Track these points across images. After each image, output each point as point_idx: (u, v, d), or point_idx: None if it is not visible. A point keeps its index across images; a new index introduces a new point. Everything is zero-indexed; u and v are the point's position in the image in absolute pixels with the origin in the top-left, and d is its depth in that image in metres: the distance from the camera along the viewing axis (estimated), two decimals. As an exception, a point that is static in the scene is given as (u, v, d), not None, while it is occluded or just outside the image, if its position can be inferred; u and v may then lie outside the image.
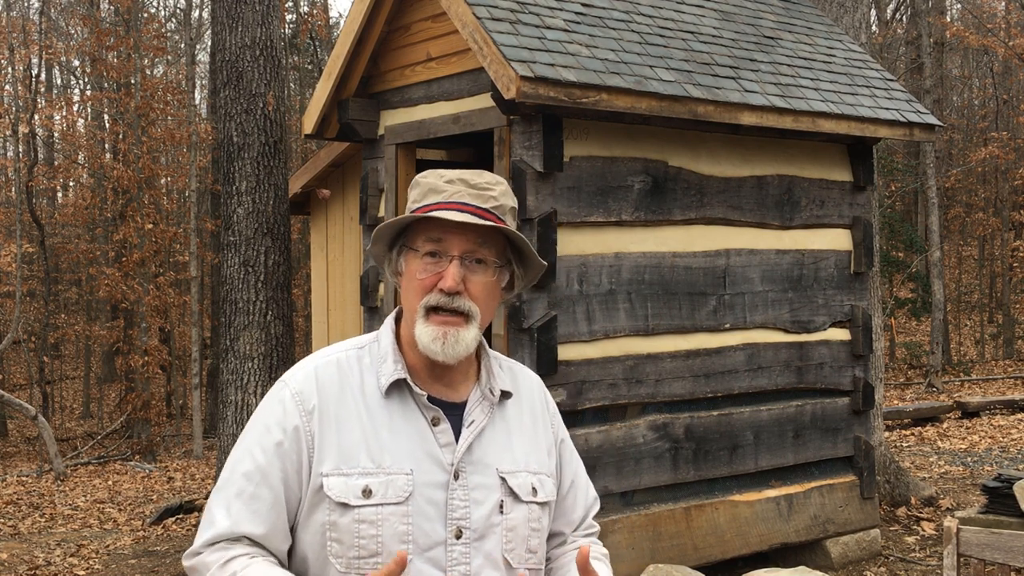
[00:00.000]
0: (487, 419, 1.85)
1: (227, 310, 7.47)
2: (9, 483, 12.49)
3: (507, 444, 1.86)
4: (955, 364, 19.12)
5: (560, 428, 2.00)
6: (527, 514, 1.83)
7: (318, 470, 1.74)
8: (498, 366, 1.92)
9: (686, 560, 5.71)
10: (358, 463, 1.75)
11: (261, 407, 1.84)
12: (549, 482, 1.91)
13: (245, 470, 1.76)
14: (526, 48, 5.14)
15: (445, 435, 1.79)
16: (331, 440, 1.76)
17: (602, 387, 5.52)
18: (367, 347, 1.87)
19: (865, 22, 8.59)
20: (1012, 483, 6.19)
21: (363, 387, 1.81)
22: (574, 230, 5.41)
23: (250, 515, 1.74)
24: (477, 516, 1.78)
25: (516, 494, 1.82)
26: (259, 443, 1.78)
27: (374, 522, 1.72)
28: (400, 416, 1.79)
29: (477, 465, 1.80)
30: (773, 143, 6.23)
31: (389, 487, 1.74)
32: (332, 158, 8.08)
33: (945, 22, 22.43)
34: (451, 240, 1.77)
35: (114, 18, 21.05)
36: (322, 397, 1.79)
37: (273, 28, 7.67)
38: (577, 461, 2.04)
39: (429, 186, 1.81)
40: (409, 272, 1.81)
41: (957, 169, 22.55)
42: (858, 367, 6.67)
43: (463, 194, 1.79)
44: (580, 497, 2.03)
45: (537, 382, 2.01)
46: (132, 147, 17.57)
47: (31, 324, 20.64)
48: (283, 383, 1.83)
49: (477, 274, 1.79)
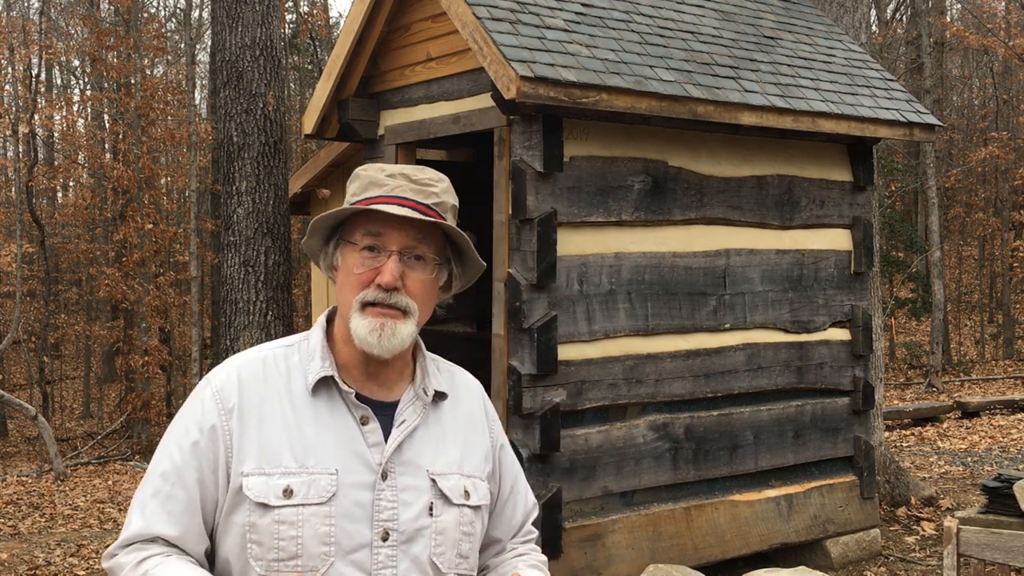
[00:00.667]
0: (419, 419, 1.81)
1: (227, 310, 7.47)
2: (9, 483, 12.49)
3: (440, 446, 1.82)
4: (955, 364, 19.12)
5: (499, 434, 1.96)
6: (458, 517, 1.79)
7: (238, 470, 1.70)
8: (435, 367, 1.89)
9: (686, 560, 5.71)
10: (281, 462, 1.70)
11: (185, 406, 1.80)
12: (483, 486, 1.86)
13: (162, 470, 1.73)
14: (526, 48, 5.14)
15: (374, 434, 1.76)
16: (252, 439, 1.72)
17: (602, 387, 5.52)
18: (296, 345, 1.83)
19: (865, 22, 8.59)
20: (1012, 483, 6.19)
21: (289, 385, 1.77)
22: (574, 230, 5.41)
23: (164, 516, 1.71)
24: (405, 518, 1.74)
25: (447, 496, 1.78)
26: (177, 443, 1.74)
27: (294, 523, 1.68)
28: (327, 415, 1.75)
29: (407, 466, 1.76)
30: (773, 143, 6.23)
31: (311, 487, 1.69)
32: (332, 158, 8.08)
33: (945, 22, 22.43)
34: (390, 235, 1.74)
35: (114, 18, 21.05)
36: (243, 395, 1.75)
37: (273, 28, 7.67)
38: (517, 468, 2.00)
39: (370, 179, 1.78)
40: (346, 266, 1.77)
41: (957, 169, 22.55)
42: (858, 367, 6.67)
43: (405, 189, 1.75)
44: (520, 504, 1.99)
45: (476, 386, 1.97)
46: (132, 147, 17.57)
47: (31, 324, 20.64)
48: (206, 381, 1.79)
49: (416, 271, 1.76)
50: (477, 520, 1.84)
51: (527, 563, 1.94)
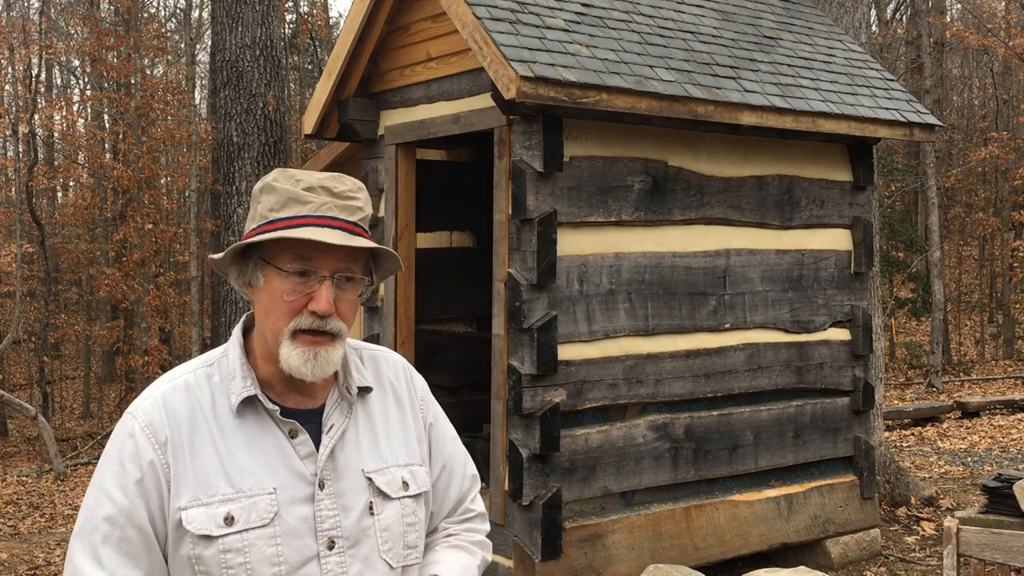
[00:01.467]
0: (347, 420, 1.78)
1: (227, 310, 7.47)
2: (9, 483, 12.50)
3: (372, 442, 1.80)
4: (955, 364, 19.12)
5: (430, 410, 1.93)
6: (400, 510, 1.78)
7: (175, 504, 1.66)
8: (358, 359, 1.86)
9: (686, 560, 5.71)
10: (217, 490, 1.67)
11: (111, 443, 1.73)
12: (421, 471, 1.85)
13: (106, 514, 1.66)
14: (526, 48, 5.14)
15: (305, 446, 1.73)
16: (186, 470, 1.68)
17: (602, 387, 5.52)
18: (216, 363, 1.78)
19: (865, 22, 8.59)
20: (1012, 483, 6.19)
21: (215, 408, 1.72)
22: (574, 230, 5.41)
23: (123, 559, 1.66)
24: (347, 523, 1.72)
25: (385, 492, 1.77)
26: (117, 483, 1.68)
27: (240, 550, 1.65)
28: (256, 434, 1.71)
29: (341, 471, 1.74)
30: (773, 143, 6.23)
31: (252, 511, 1.67)
32: (332, 158, 8.08)
33: (945, 22, 22.43)
34: (321, 260, 1.68)
35: (114, 18, 21.06)
36: (172, 426, 1.70)
37: (273, 28, 7.67)
38: (451, 442, 1.96)
39: (288, 194, 1.70)
40: (272, 291, 1.70)
41: (957, 169, 22.55)
42: (858, 367, 6.67)
43: (330, 207, 1.69)
44: (455, 481, 1.95)
45: (402, 367, 1.93)
46: (132, 147, 17.57)
47: (31, 324, 20.65)
48: (131, 415, 1.73)
49: (347, 292, 1.72)
50: (420, 508, 1.83)
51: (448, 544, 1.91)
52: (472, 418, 7.12)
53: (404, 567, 1.78)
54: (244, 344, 1.79)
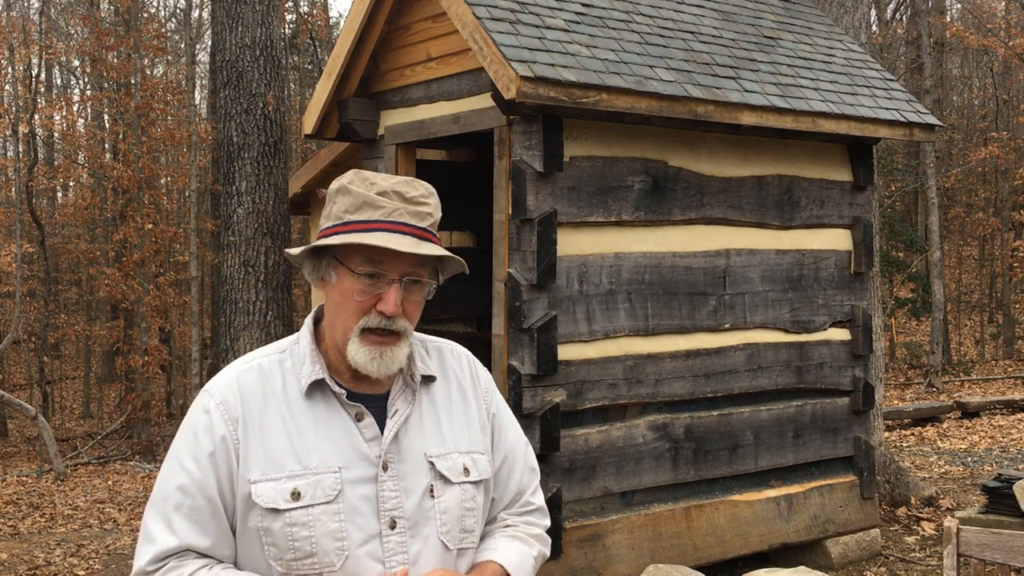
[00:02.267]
0: (411, 406, 1.87)
1: (227, 310, 7.47)
2: (9, 483, 12.49)
3: (435, 428, 1.88)
4: (955, 364, 19.12)
5: (493, 402, 2.00)
6: (460, 495, 1.85)
7: (245, 477, 1.76)
8: (423, 350, 1.94)
9: (686, 560, 5.71)
10: (285, 467, 1.76)
11: (188, 418, 1.84)
12: (483, 459, 1.92)
13: (180, 483, 1.77)
14: (526, 48, 5.14)
15: (370, 429, 1.82)
16: (256, 447, 1.77)
17: (602, 387, 5.52)
18: (288, 350, 1.88)
19: (865, 22, 8.59)
20: (1012, 483, 6.19)
21: (286, 391, 1.82)
22: (574, 230, 5.41)
23: (193, 526, 1.75)
24: (409, 504, 1.80)
25: (446, 477, 1.84)
26: (191, 455, 1.78)
27: (306, 524, 1.74)
28: (324, 415, 1.81)
29: (404, 454, 1.82)
30: (773, 143, 6.23)
31: (317, 487, 1.76)
32: (332, 158, 8.08)
33: (945, 22, 22.43)
34: (391, 263, 1.77)
35: (114, 18, 21.06)
36: (245, 404, 1.80)
37: (273, 28, 7.67)
38: (513, 434, 2.02)
39: (363, 199, 1.79)
40: (344, 290, 1.80)
41: (957, 169, 22.55)
42: (858, 367, 6.67)
43: (402, 212, 1.78)
44: (515, 472, 2.01)
45: (466, 359, 2.01)
46: (132, 147, 17.57)
47: (31, 324, 20.64)
48: (207, 393, 1.84)
49: (413, 294, 1.81)
50: (479, 494, 1.90)
51: (507, 534, 1.97)
52: (472, 418, 7.11)
53: (460, 550, 1.86)
54: (314, 333, 1.89)
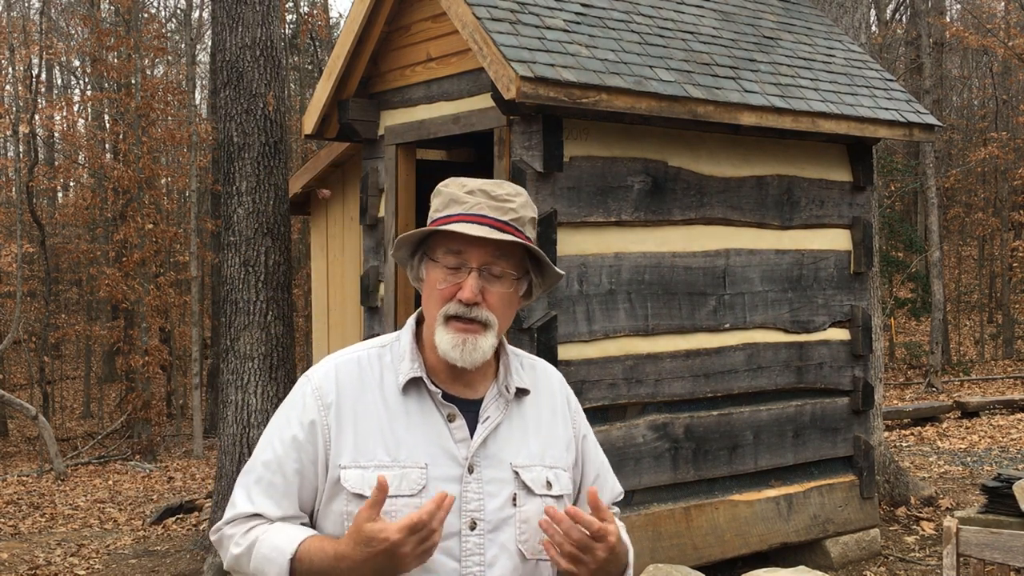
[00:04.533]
0: (503, 415, 1.91)
1: (227, 310, 7.47)
2: (9, 483, 12.50)
3: (523, 439, 1.92)
4: (955, 364, 19.12)
5: (581, 425, 2.06)
6: (541, 507, 1.87)
7: (336, 462, 1.83)
8: (519, 364, 1.99)
9: (686, 560, 5.71)
10: (375, 456, 1.83)
11: (287, 400, 1.94)
12: (565, 476, 1.96)
13: (265, 459, 1.88)
14: (526, 48, 5.14)
15: (460, 431, 1.86)
16: (348, 434, 1.84)
17: (602, 387, 5.52)
18: (389, 346, 1.95)
19: (865, 22, 8.59)
20: (1012, 483, 6.20)
21: (382, 384, 1.89)
22: (574, 230, 5.42)
23: (267, 499, 1.85)
24: (491, 508, 1.84)
25: (529, 487, 1.88)
26: (279, 435, 1.88)
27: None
28: (417, 412, 1.87)
29: (491, 460, 1.87)
30: (773, 143, 6.24)
31: (403, 480, 1.81)
32: (332, 158, 8.08)
33: (945, 22, 22.43)
34: (470, 252, 1.84)
35: (114, 18, 21.06)
36: (340, 393, 1.87)
37: (273, 28, 7.67)
38: (601, 458, 2.10)
39: (451, 196, 1.87)
40: (430, 281, 1.88)
41: (957, 169, 22.56)
42: (858, 367, 6.67)
43: (483, 206, 1.85)
44: (607, 488, 2.09)
45: (558, 379, 2.07)
46: (132, 147, 17.57)
47: (31, 324, 20.64)
48: (307, 378, 1.93)
49: (495, 285, 1.86)
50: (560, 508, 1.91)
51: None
52: (472, 418, 7.12)
53: (538, 561, 1.88)
54: (416, 332, 1.95)
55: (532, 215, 1.90)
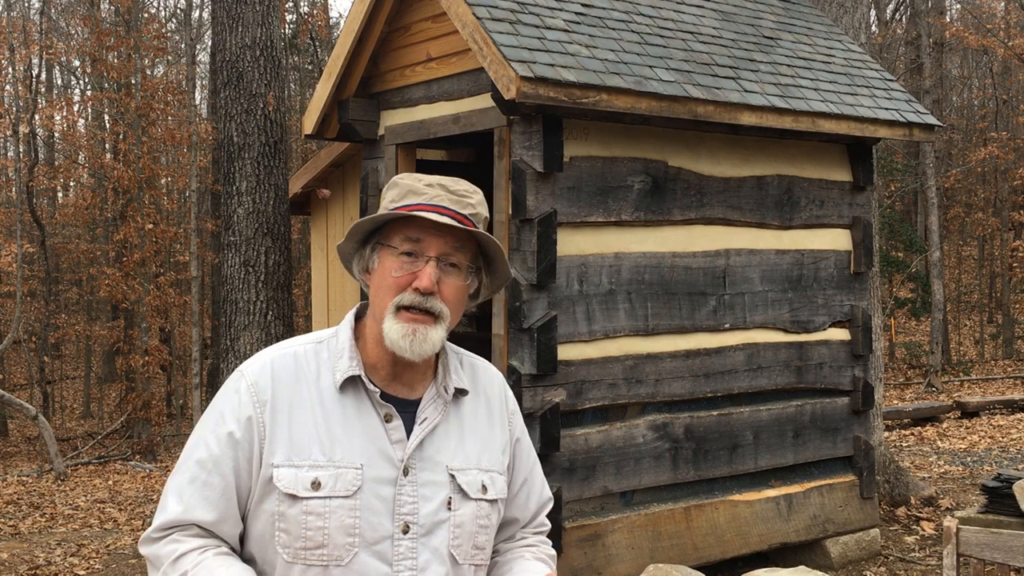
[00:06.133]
0: (440, 417, 1.88)
1: (227, 310, 7.47)
2: (9, 483, 12.50)
3: (459, 442, 1.89)
4: (955, 364, 19.12)
5: (517, 427, 2.03)
6: (475, 511, 1.86)
7: (269, 461, 1.78)
8: (458, 363, 1.95)
9: (686, 560, 5.71)
10: (309, 455, 1.78)
11: (218, 396, 1.87)
12: (500, 480, 1.93)
13: (199, 457, 1.80)
14: (526, 48, 5.15)
15: (397, 432, 1.83)
16: (283, 432, 1.79)
17: (602, 387, 5.52)
18: (326, 342, 1.89)
19: (865, 22, 8.59)
20: (1012, 483, 6.20)
21: (319, 381, 1.84)
22: (574, 230, 5.42)
23: (201, 501, 1.78)
24: (425, 512, 1.81)
25: (465, 491, 1.85)
26: (213, 432, 1.81)
27: (321, 514, 1.75)
28: (354, 411, 1.82)
29: (427, 462, 1.83)
30: (773, 143, 6.24)
31: (338, 480, 1.77)
32: (332, 158, 8.08)
33: (944, 22, 22.44)
34: (429, 241, 1.80)
35: (114, 18, 21.06)
36: (276, 389, 1.82)
37: (273, 28, 7.67)
38: (533, 460, 2.07)
39: (408, 187, 1.84)
40: (383, 269, 1.83)
41: (957, 169, 22.56)
42: (858, 367, 6.67)
43: (443, 198, 1.81)
44: (534, 495, 2.05)
45: (499, 380, 2.03)
46: (132, 147, 17.57)
47: (31, 324, 20.64)
48: (240, 373, 1.86)
49: (451, 277, 1.82)
50: (493, 513, 1.91)
51: (534, 555, 2.00)
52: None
53: (470, 565, 1.87)
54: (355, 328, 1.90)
55: (486, 215, 1.88)
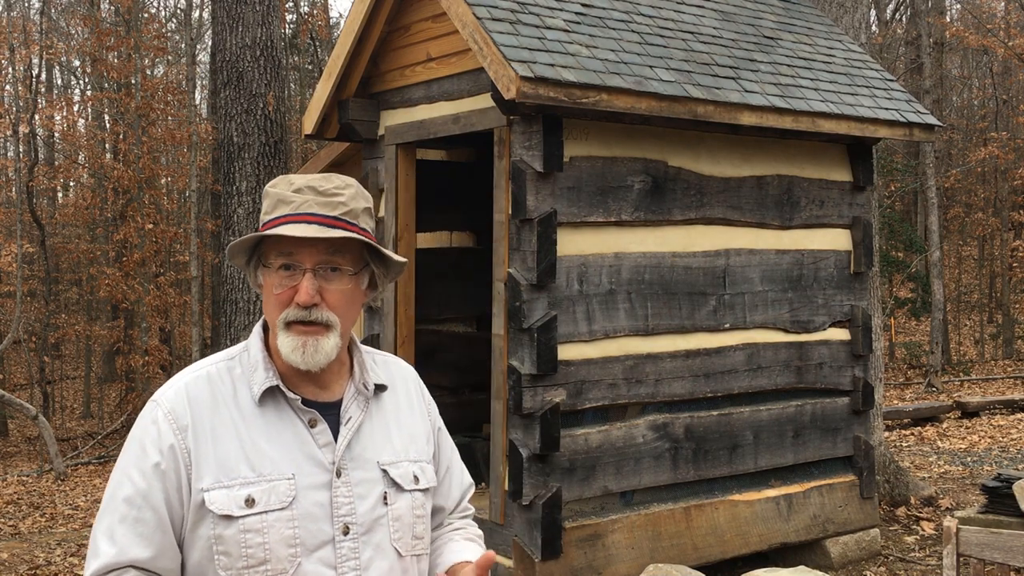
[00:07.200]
0: (364, 414, 1.89)
1: (227, 310, 7.48)
2: (9, 483, 12.50)
3: (386, 436, 1.91)
4: (955, 364, 19.12)
5: (436, 417, 2.07)
6: (411, 502, 1.88)
7: (197, 486, 1.75)
8: (371, 360, 1.97)
9: (686, 560, 5.71)
10: (238, 474, 1.76)
11: (135, 429, 1.83)
12: (430, 468, 1.96)
13: (126, 495, 1.77)
14: (526, 48, 5.14)
15: (324, 435, 1.82)
16: (208, 455, 1.77)
17: (602, 387, 5.52)
18: (237, 358, 1.89)
19: (865, 22, 8.59)
20: (1012, 483, 6.20)
21: (236, 398, 1.82)
22: (574, 230, 5.42)
23: (136, 539, 1.75)
24: (362, 510, 1.82)
25: (398, 484, 1.87)
26: (137, 466, 1.78)
27: (260, 530, 1.74)
28: (276, 422, 1.81)
29: (358, 460, 1.84)
30: (773, 143, 6.24)
31: (272, 494, 1.76)
32: (332, 158, 8.08)
33: (945, 22, 22.44)
34: (302, 253, 1.78)
35: (114, 18, 21.06)
36: (195, 413, 1.80)
37: (273, 28, 7.68)
38: (452, 449, 2.11)
39: (278, 197, 1.81)
40: (267, 286, 1.82)
41: (957, 169, 22.56)
42: (858, 367, 6.67)
43: (311, 204, 1.79)
44: (455, 482, 2.09)
45: (411, 373, 2.06)
46: (132, 147, 17.58)
47: (32, 324, 20.64)
48: (154, 403, 1.83)
49: (333, 283, 1.80)
50: (428, 501, 1.94)
51: (463, 536, 2.05)
52: (472, 418, 7.12)
53: (412, 556, 1.88)
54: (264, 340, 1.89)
55: (365, 205, 1.84)
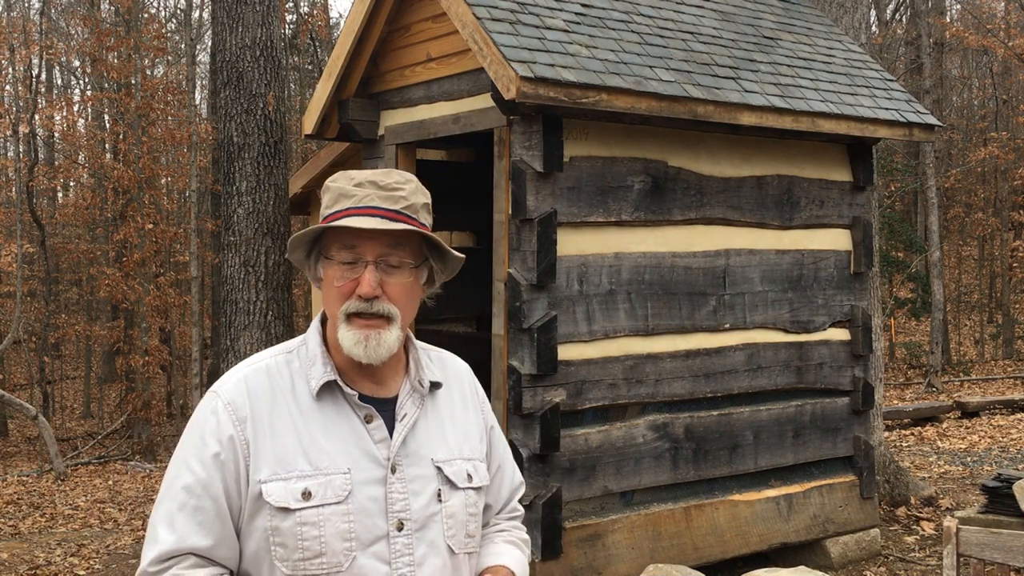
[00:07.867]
0: (419, 411, 1.89)
1: (227, 310, 7.47)
2: (9, 483, 12.50)
3: (440, 433, 1.91)
4: (955, 364, 19.12)
5: (489, 415, 2.07)
6: (464, 500, 1.89)
7: (255, 478, 1.77)
8: (427, 357, 1.98)
9: (686, 560, 5.71)
10: (295, 467, 1.78)
11: (194, 419, 1.85)
12: (483, 467, 1.97)
13: (185, 483, 1.78)
14: (526, 48, 5.15)
15: (379, 431, 1.84)
16: (266, 447, 1.79)
17: (602, 387, 5.52)
18: (295, 351, 1.90)
19: (865, 22, 8.59)
20: (1012, 483, 6.20)
21: (294, 391, 1.84)
22: (574, 230, 5.42)
23: (195, 527, 1.76)
24: (417, 507, 1.83)
25: (452, 482, 1.88)
26: (196, 455, 1.80)
27: (316, 523, 1.75)
28: (333, 417, 1.83)
29: (413, 457, 1.85)
30: (773, 143, 6.24)
31: (328, 488, 1.77)
32: (332, 158, 8.09)
33: (945, 22, 22.44)
34: (364, 246, 1.80)
35: (114, 18, 21.06)
36: (253, 405, 1.81)
37: (273, 28, 7.67)
38: (504, 447, 2.10)
39: (339, 191, 1.83)
40: (327, 279, 1.84)
41: (957, 169, 22.56)
42: (858, 367, 6.67)
43: (372, 197, 1.81)
44: (506, 481, 2.10)
45: (466, 370, 2.06)
46: (132, 147, 17.57)
47: (31, 324, 20.64)
48: (214, 394, 1.85)
49: (394, 276, 1.82)
50: (480, 500, 1.94)
51: (504, 539, 2.04)
52: (472, 418, 7.11)
53: (464, 553, 1.89)
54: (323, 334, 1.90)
55: (424, 200, 1.86)
